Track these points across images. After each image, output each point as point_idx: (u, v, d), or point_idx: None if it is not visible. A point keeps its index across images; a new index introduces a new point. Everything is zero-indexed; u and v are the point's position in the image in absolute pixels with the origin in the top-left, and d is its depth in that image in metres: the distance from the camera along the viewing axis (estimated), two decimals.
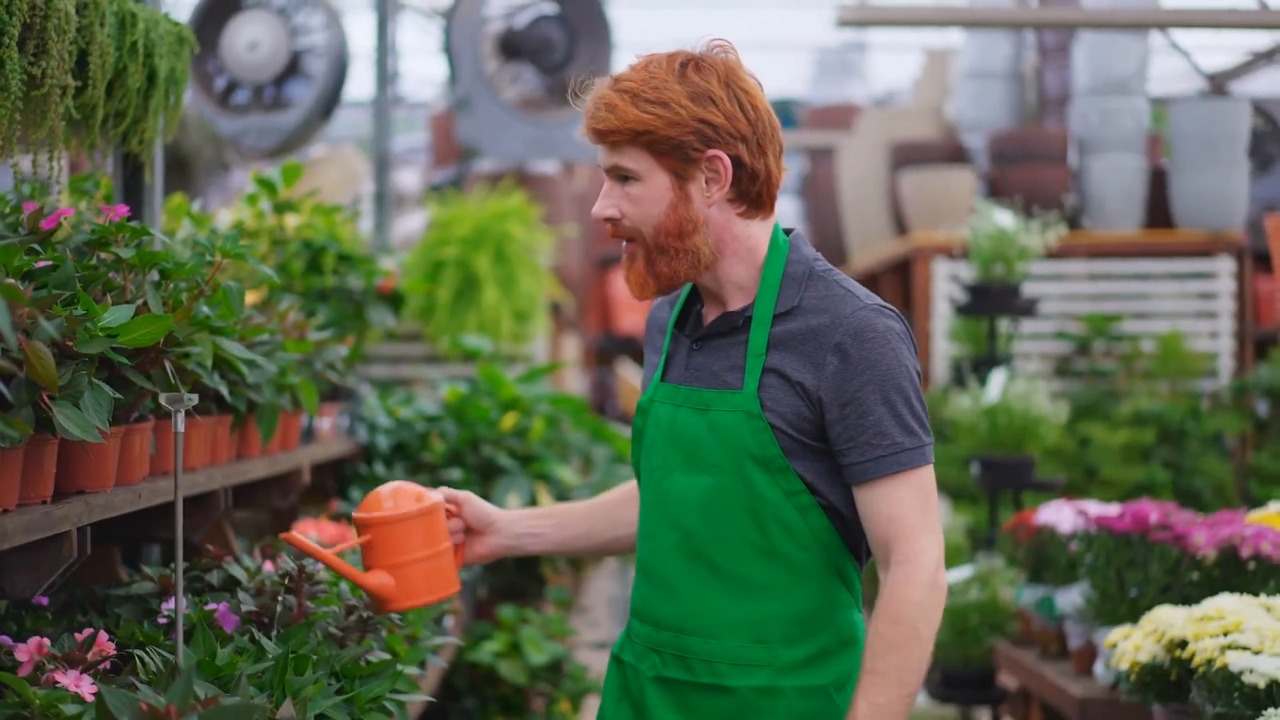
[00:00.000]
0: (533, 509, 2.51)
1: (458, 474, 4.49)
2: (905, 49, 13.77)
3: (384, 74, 6.90)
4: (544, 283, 6.65)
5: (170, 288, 2.30)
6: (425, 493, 2.31)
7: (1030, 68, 9.03)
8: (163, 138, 2.76)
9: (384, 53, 6.92)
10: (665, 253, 2.20)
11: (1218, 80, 8.98)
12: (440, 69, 11.30)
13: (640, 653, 2.28)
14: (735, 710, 2.19)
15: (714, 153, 2.16)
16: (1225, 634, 2.84)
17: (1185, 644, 2.91)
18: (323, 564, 2.50)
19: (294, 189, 4.10)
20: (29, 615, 2.28)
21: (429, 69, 16.44)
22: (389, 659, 2.27)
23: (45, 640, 1.94)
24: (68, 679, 1.85)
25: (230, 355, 2.41)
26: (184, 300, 2.28)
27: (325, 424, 3.68)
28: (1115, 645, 3.16)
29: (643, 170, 2.18)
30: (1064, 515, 4.11)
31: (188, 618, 2.20)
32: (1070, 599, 3.91)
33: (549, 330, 7.75)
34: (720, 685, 2.20)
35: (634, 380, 12.89)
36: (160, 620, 2.29)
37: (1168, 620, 3.01)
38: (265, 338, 2.79)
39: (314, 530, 3.51)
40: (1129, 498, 6.39)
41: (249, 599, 2.38)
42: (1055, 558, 4.07)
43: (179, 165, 6.95)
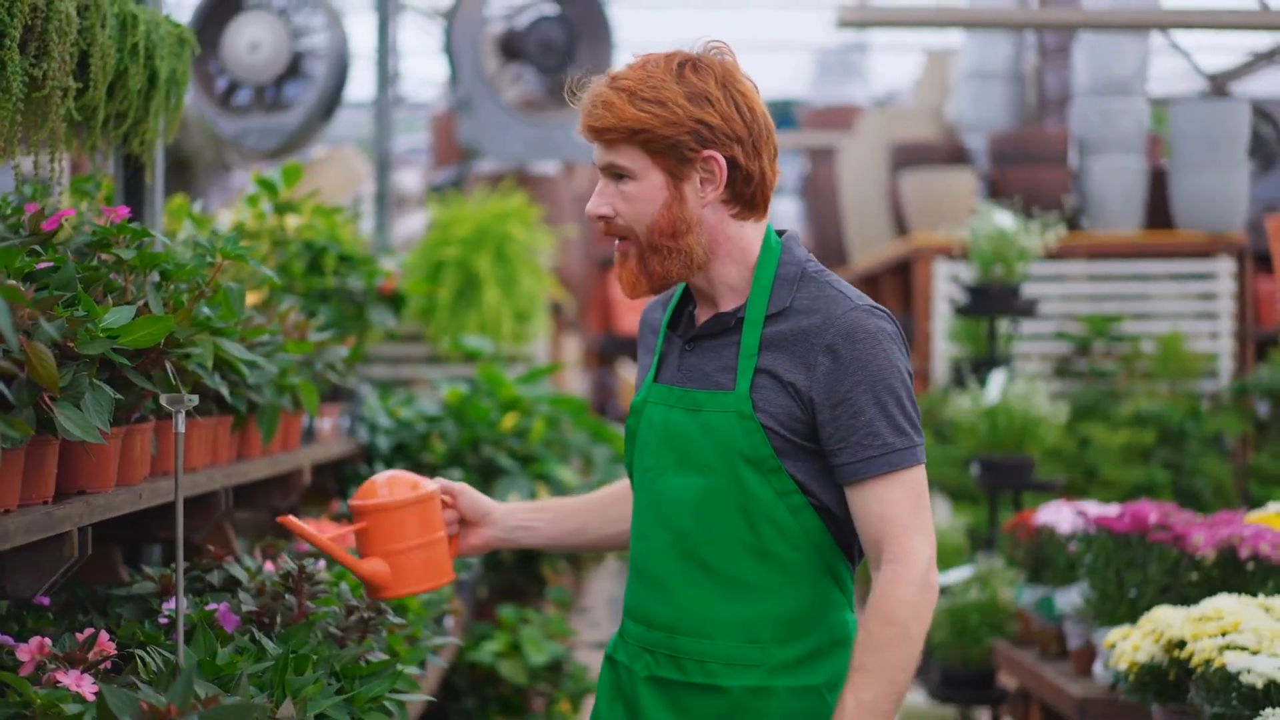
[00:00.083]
0: (528, 502, 2.51)
1: (458, 474, 4.49)
2: (906, 50, 13.77)
3: (385, 75, 6.90)
4: (544, 283, 6.65)
5: (171, 289, 2.30)
6: (421, 481, 2.32)
7: (1030, 68, 9.04)
8: (164, 139, 2.76)
9: (385, 53, 6.92)
10: (658, 252, 2.20)
11: (1218, 81, 8.98)
12: (441, 70, 11.31)
13: (633, 653, 2.28)
14: (728, 710, 2.19)
15: (709, 153, 2.16)
16: (1223, 634, 2.84)
17: (1184, 644, 2.92)
18: (323, 564, 2.51)
19: (295, 190, 4.10)
20: (30, 615, 2.29)
21: (430, 70, 16.44)
22: (389, 659, 2.28)
23: (46, 640, 1.94)
24: (69, 678, 1.85)
25: (231, 356, 2.42)
26: (185, 301, 2.28)
27: (326, 424, 3.69)
28: (1114, 645, 3.16)
29: (638, 169, 2.18)
30: (1063, 516, 4.11)
31: (188, 618, 2.21)
32: (1069, 599, 3.91)
33: (550, 331, 7.75)
34: (713, 685, 2.20)
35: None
36: (161, 620, 2.29)
37: (1166, 620, 3.01)
38: (266, 338, 2.79)
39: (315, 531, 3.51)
40: (1129, 498, 6.38)
41: (249, 599, 2.38)
42: (1055, 558, 4.08)
43: (180, 166, 6.96)
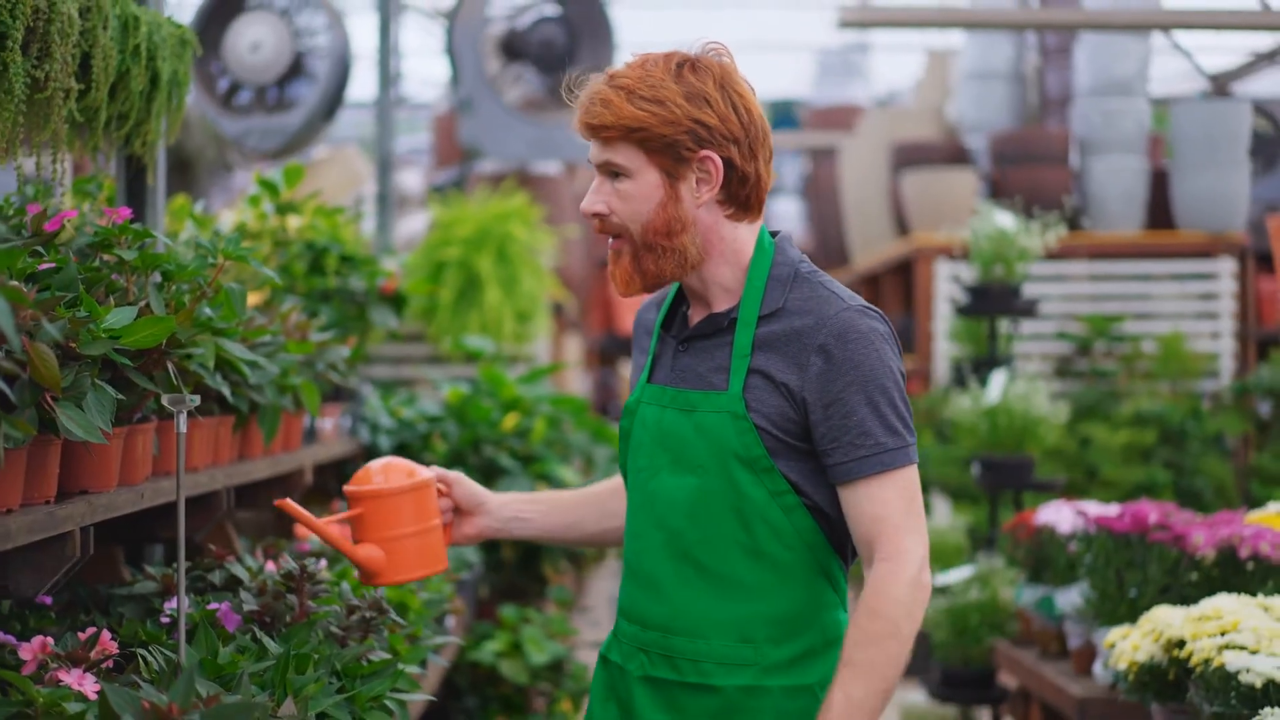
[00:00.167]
0: (523, 494, 2.52)
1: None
2: (907, 50, 13.76)
3: (386, 75, 6.91)
4: (546, 283, 6.66)
5: (173, 289, 2.30)
6: (417, 469, 2.32)
7: (1032, 69, 9.04)
8: (165, 140, 2.77)
9: (386, 54, 6.92)
10: (652, 251, 2.20)
11: (1220, 81, 8.98)
12: (442, 70, 11.30)
13: (627, 652, 2.29)
14: (722, 709, 2.20)
15: (706, 153, 2.17)
16: (1223, 634, 2.84)
17: (1183, 644, 2.92)
18: (324, 564, 2.52)
19: (296, 190, 4.10)
20: (32, 614, 2.29)
21: (431, 70, 16.42)
22: (390, 658, 2.28)
23: (49, 639, 1.95)
24: (71, 677, 1.86)
25: (232, 356, 2.42)
26: (186, 302, 2.29)
27: (327, 424, 3.69)
28: (1114, 645, 3.17)
29: (634, 167, 2.18)
30: (1063, 515, 4.12)
31: (190, 617, 2.21)
32: (1070, 599, 3.91)
33: (551, 331, 7.76)
34: (707, 685, 2.20)
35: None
36: (163, 619, 2.30)
37: (1166, 620, 3.02)
38: (267, 339, 2.79)
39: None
40: (1130, 498, 6.39)
41: (251, 598, 2.39)
42: (1055, 558, 4.08)
43: (182, 166, 6.97)
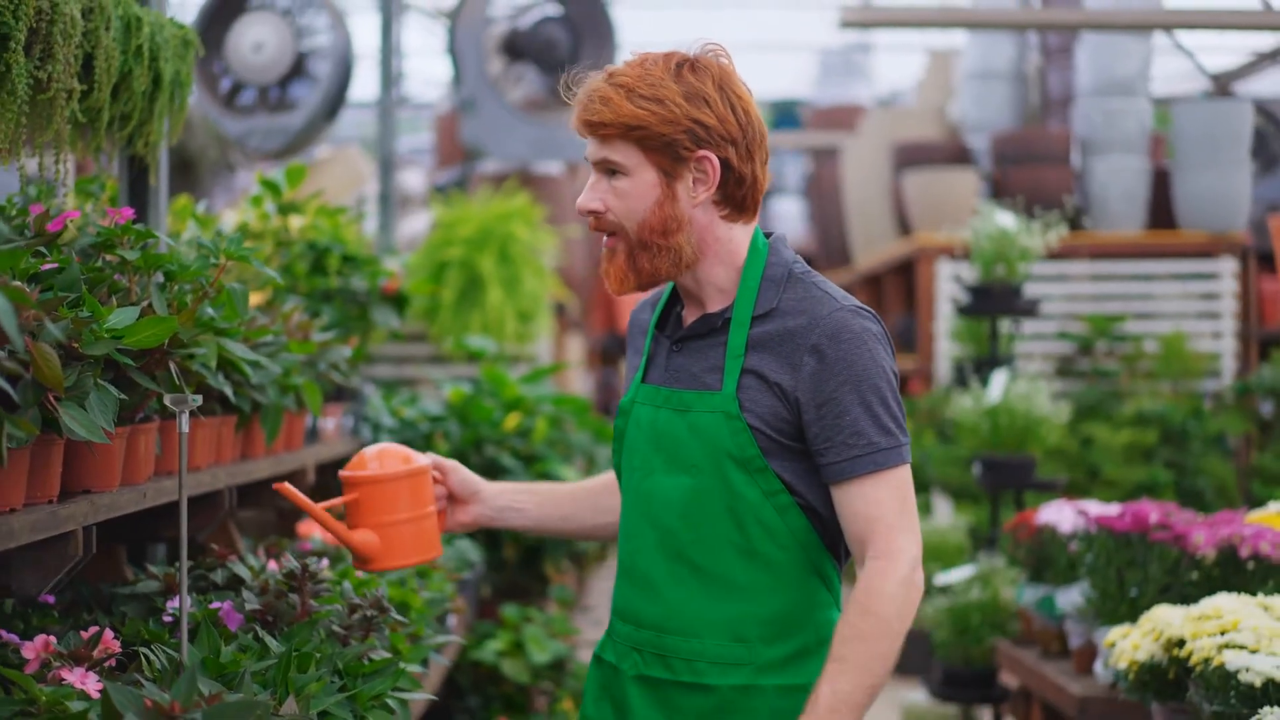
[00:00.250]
0: (518, 484, 2.52)
1: None
2: (909, 50, 13.78)
3: (389, 75, 6.91)
4: (548, 283, 6.66)
5: (175, 289, 2.31)
6: (413, 455, 2.33)
7: (1033, 69, 9.04)
8: (168, 140, 2.78)
9: (389, 54, 6.93)
10: (648, 249, 2.21)
11: (1221, 81, 8.98)
12: (445, 70, 11.31)
13: (622, 652, 2.29)
14: (716, 709, 2.20)
15: (704, 153, 2.17)
16: (1222, 633, 2.85)
17: (1183, 643, 2.93)
18: (326, 563, 2.52)
19: (298, 190, 4.11)
20: (35, 613, 2.30)
21: (434, 70, 16.45)
22: (391, 657, 2.28)
23: (51, 638, 1.95)
24: (74, 676, 1.86)
25: (234, 356, 2.43)
26: (189, 302, 2.29)
27: (329, 424, 3.70)
28: (1114, 644, 3.17)
29: (631, 165, 2.19)
30: (1064, 515, 4.12)
31: (192, 616, 2.22)
32: (1071, 598, 3.91)
33: (553, 331, 7.76)
34: (701, 684, 2.21)
35: None
36: (165, 618, 2.30)
37: (1166, 619, 3.02)
38: (269, 339, 2.80)
39: (318, 531, 3.52)
40: (1131, 498, 6.40)
41: (253, 598, 2.39)
42: (1056, 557, 4.08)
43: (184, 166, 6.98)
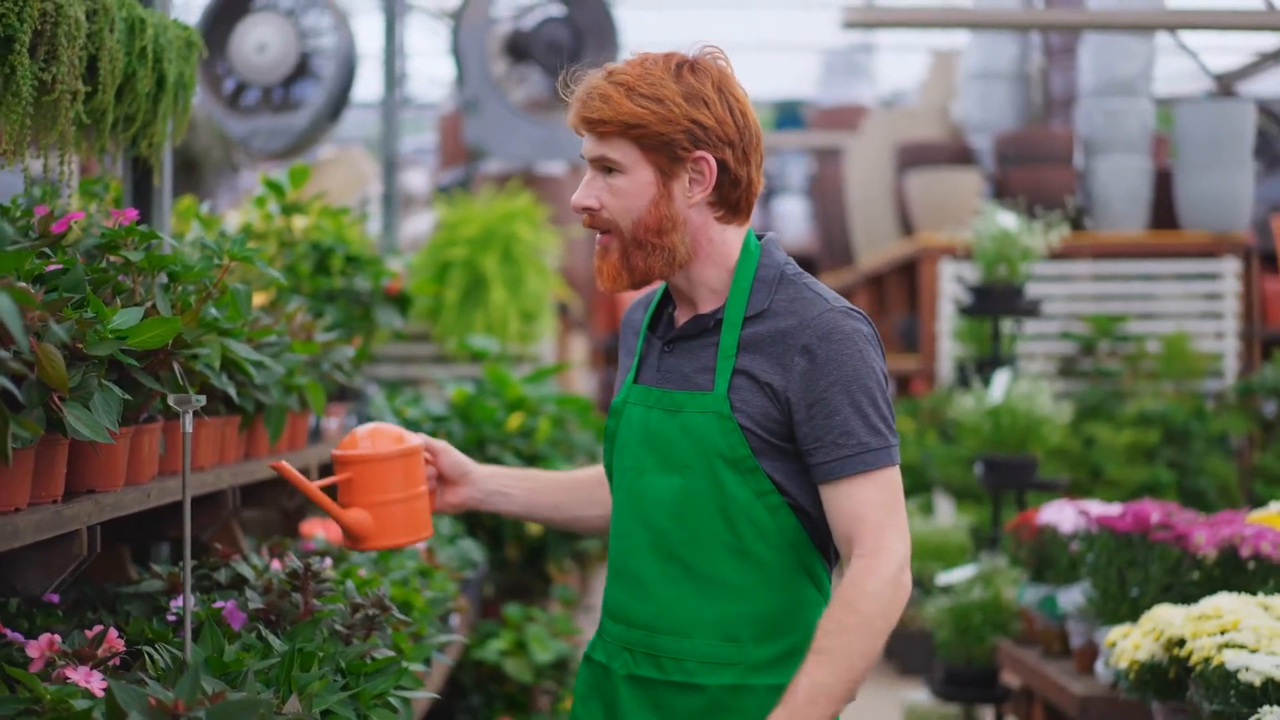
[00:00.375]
0: (509, 469, 2.52)
1: None
2: (912, 50, 13.78)
3: (392, 75, 6.93)
4: (551, 283, 6.67)
5: (179, 290, 2.32)
6: (405, 435, 2.33)
7: (1036, 69, 9.05)
8: (171, 141, 2.79)
9: (392, 54, 6.95)
10: (642, 248, 2.21)
11: (1224, 81, 8.98)
12: (448, 70, 11.33)
13: (612, 651, 2.29)
14: (707, 708, 2.20)
15: (701, 154, 2.18)
16: (1222, 632, 2.85)
17: (1183, 643, 2.93)
18: (329, 562, 2.54)
19: (302, 191, 4.12)
20: (40, 612, 2.30)
21: (437, 70, 16.46)
22: (394, 656, 2.29)
23: (56, 637, 1.96)
24: (78, 675, 1.87)
25: (238, 357, 2.44)
26: (192, 302, 2.30)
27: (333, 424, 3.71)
28: (1115, 644, 3.18)
29: (629, 163, 2.20)
30: (1066, 515, 4.13)
31: (196, 615, 2.23)
32: (1072, 598, 3.92)
33: (556, 331, 7.77)
34: (691, 683, 2.21)
35: None
36: (169, 618, 2.31)
37: (1166, 619, 3.03)
38: (273, 339, 2.80)
39: (321, 530, 3.53)
40: (1134, 498, 6.40)
41: (256, 597, 2.40)
42: (1057, 557, 4.09)
43: (189, 166, 6.99)
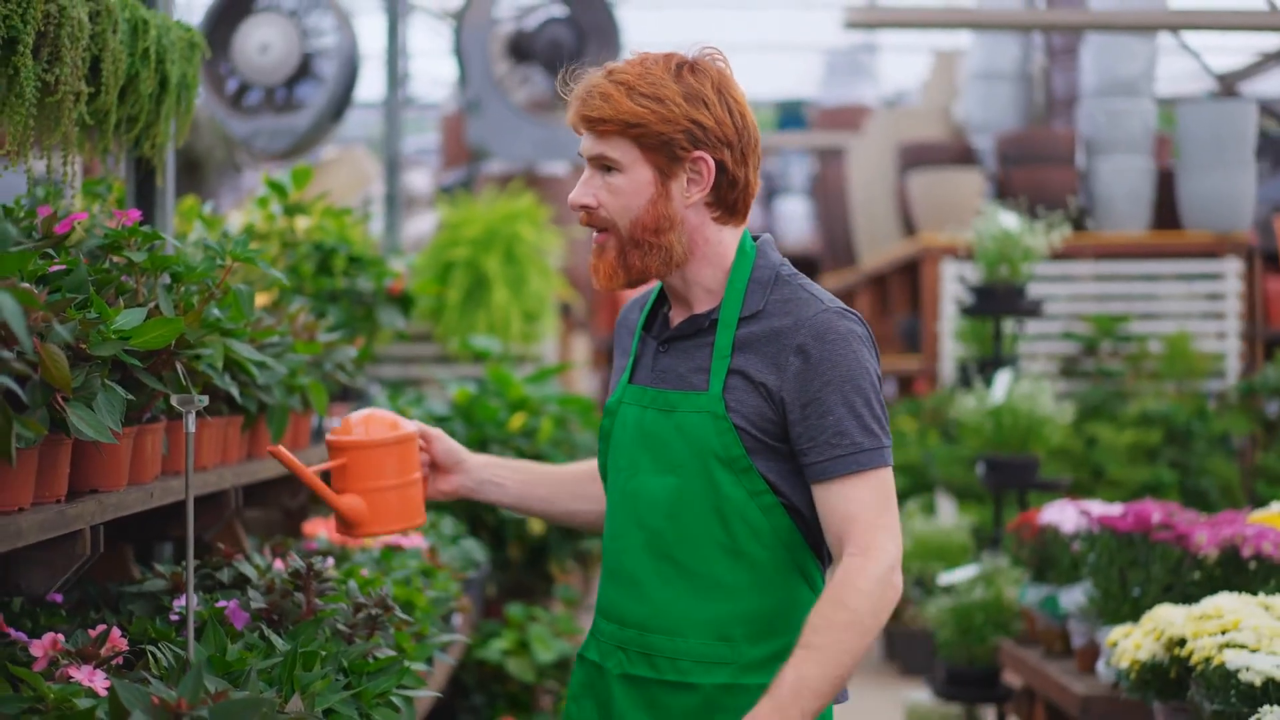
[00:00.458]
0: (503, 459, 2.52)
1: None
2: (914, 50, 13.78)
3: (394, 76, 6.94)
4: (553, 283, 6.68)
5: (182, 291, 2.32)
6: (400, 421, 2.34)
7: (1038, 69, 9.05)
8: (174, 142, 2.79)
9: (394, 54, 6.96)
10: (639, 247, 2.21)
11: (1227, 81, 8.98)
12: (450, 71, 11.33)
13: (606, 650, 2.30)
14: (701, 707, 2.20)
15: (700, 154, 2.18)
16: (1223, 632, 2.86)
17: (1184, 642, 2.94)
18: (331, 562, 2.54)
19: (304, 191, 4.13)
20: (43, 612, 2.31)
21: (439, 71, 16.47)
22: (396, 655, 2.29)
23: (59, 636, 1.96)
24: (81, 674, 1.87)
25: (241, 357, 2.44)
26: (195, 303, 2.31)
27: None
28: (1116, 644, 3.18)
29: (627, 162, 2.20)
30: (1067, 515, 4.13)
31: (199, 614, 2.24)
32: (1074, 598, 3.92)
33: (558, 331, 7.77)
34: (685, 683, 2.21)
35: None
36: (172, 617, 2.31)
37: (1167, 619, 3.03)
38: (275, 339, 2.81)
39: (324, 529, 3.54)
40: (1136, 498, 6.40)
41: (259, 596, 2.41)
42: (1059, 557, 4.09)
43: (191, 166, 7.00)
